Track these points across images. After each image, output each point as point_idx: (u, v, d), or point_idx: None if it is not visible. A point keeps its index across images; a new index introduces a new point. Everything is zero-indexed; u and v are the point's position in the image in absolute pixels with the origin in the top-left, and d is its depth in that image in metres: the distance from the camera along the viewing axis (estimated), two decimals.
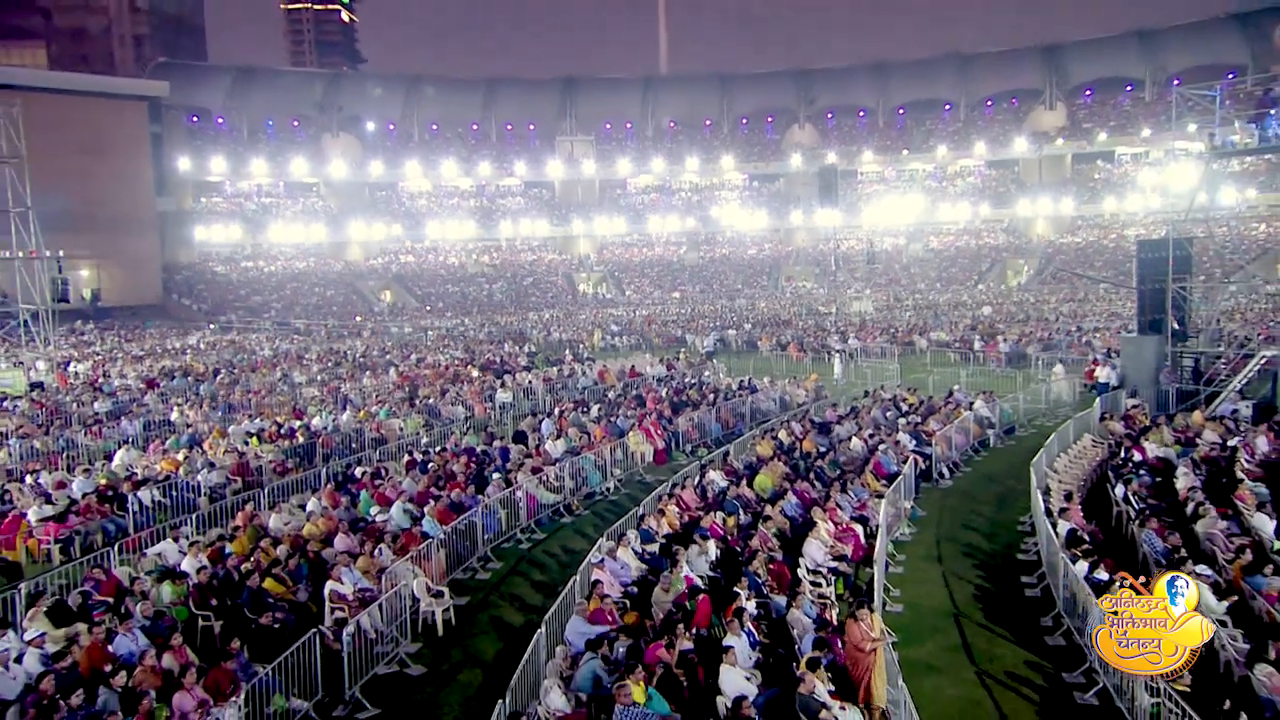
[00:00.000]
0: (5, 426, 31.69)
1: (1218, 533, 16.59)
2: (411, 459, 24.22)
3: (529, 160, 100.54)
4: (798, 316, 63.69)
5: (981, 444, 26.84)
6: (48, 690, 11.95)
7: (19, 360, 46.03)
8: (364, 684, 13.26)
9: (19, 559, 19.13)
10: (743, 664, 11.87)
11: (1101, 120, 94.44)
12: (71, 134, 64.24)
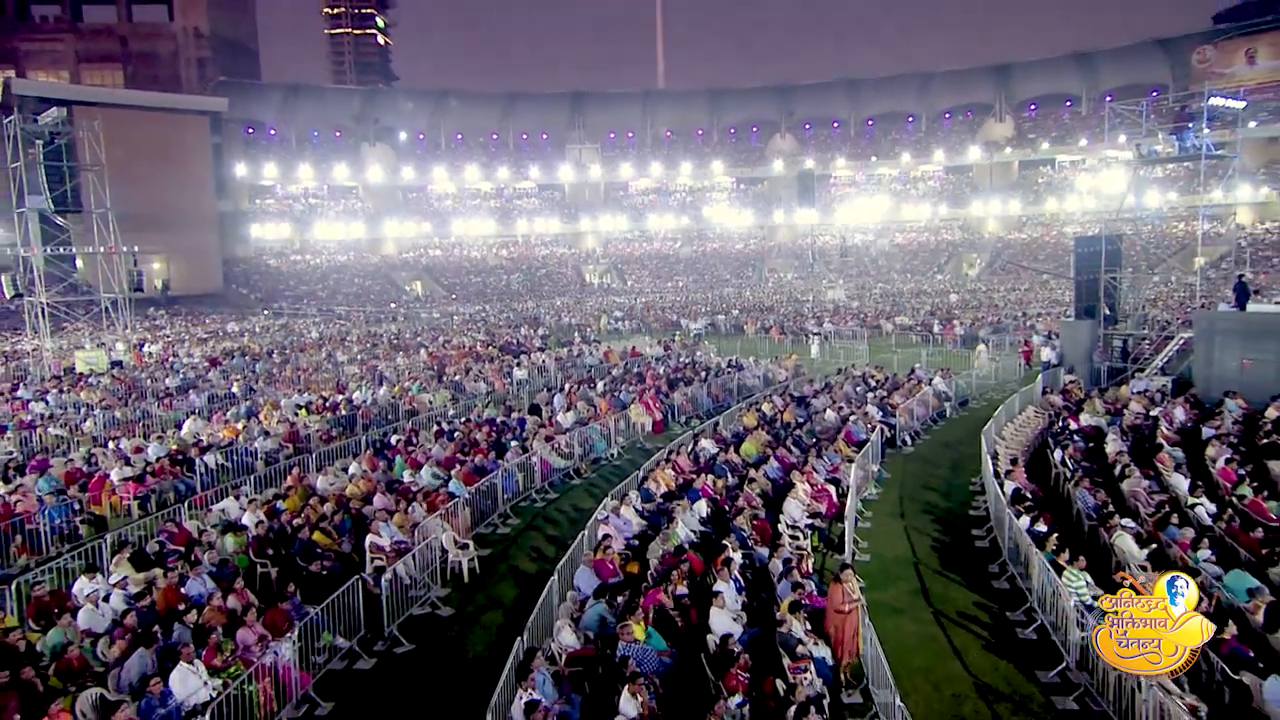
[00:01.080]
0: (91, 399, 31.92)
1: (1140, 490, 16.74)
2: (440, 428, 24.33)
3: (542, 165, 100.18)
4: (779, 304, 63.54)
5: (939, 415, 26.91)
6: (131, 625, 12.17)
7: (102, 342, 46.09)
8: (400, 623, 13.39)
9: (105, 513, 19.19)
10: (730, 607, 11.98)
11: (1044, 131, 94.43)
12: (144, 144, 63.98)
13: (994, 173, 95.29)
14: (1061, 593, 11.91)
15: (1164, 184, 76.77)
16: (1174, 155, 34.70)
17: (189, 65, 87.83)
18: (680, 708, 10.39)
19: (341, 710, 11.41)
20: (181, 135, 73.90)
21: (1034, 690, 11.17)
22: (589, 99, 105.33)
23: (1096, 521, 15.36)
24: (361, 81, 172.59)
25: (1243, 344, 23.65)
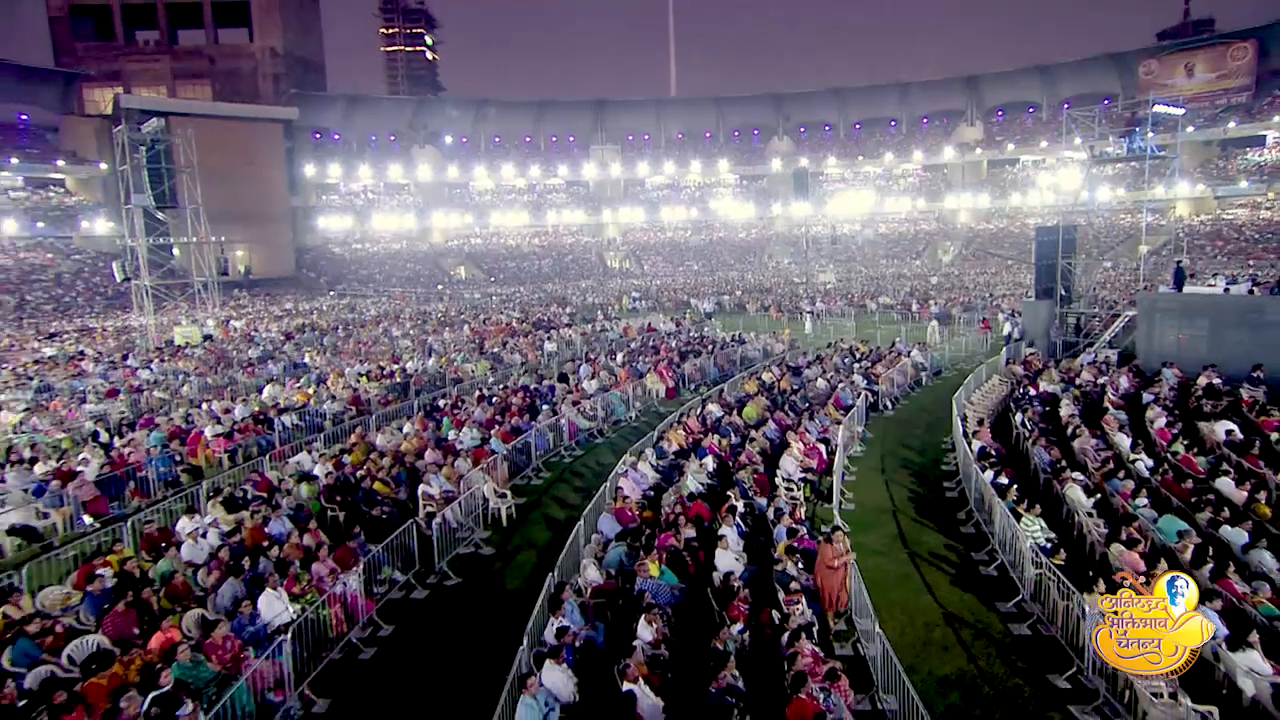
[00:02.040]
0: (187, 368, 32.24)
1: (1089, 448, 16.82)
2: (481, 394, 24.32)
3: (569, 164, 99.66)
4: (777, 285, 62.97)
5: (916, 383, 26.78)
6: (223, 558, 12.39)
7: (195, 319, 46.43)
8: (448, 560, 13.55)
9: (200, 464, 19.47)
10: (733, 548, 12.04)
11: (1010, 134, 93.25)
12: (229, 149, 64.09)
13: (965, 171, 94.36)
14: (1019, 536, 11.99)
15: (1113, 181, 75.96)
16: (1122, 156, 34.55)
17: (266, 80, 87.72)
18: (689, 634, 10.53)
19: (400, 633, 11.57)
20: (259, 141, 74.01)
21: (994, 619, 11.26)
22: (610, 106, 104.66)
23: (1051, 475, 15.39)
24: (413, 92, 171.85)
25: (1179, 321, 23.55)
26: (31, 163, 74.25)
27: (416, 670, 10.66)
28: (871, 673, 9.80)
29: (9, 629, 10.65)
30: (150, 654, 9.87)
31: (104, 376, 30.65)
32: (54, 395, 27.29)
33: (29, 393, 27.76)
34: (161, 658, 9.70)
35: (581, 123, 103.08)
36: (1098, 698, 9.26)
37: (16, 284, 64.85)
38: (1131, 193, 73.46)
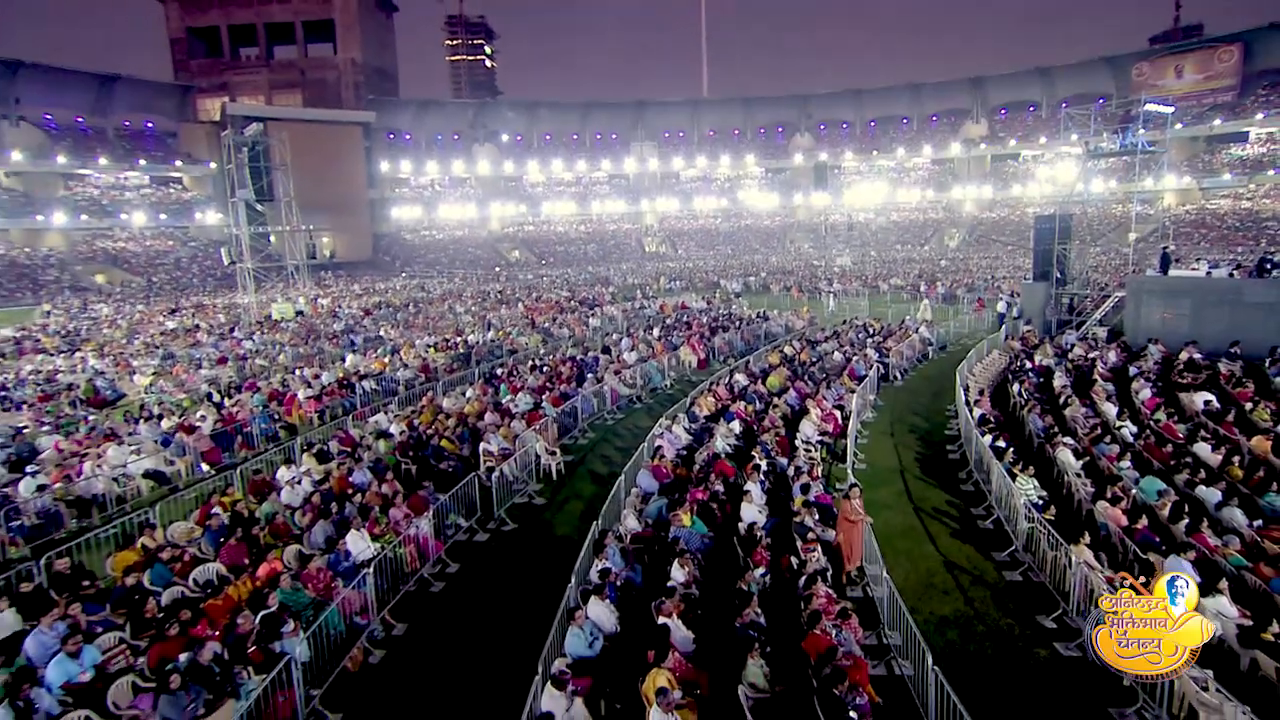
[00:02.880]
0: (282, 339, 32.79)
1: (1079, 416, 16.51)
2: (533, 364, 24.44)
3: (612, 159, 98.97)
4: (798, 268, 62.07)
5: (923, 356, 26.31)
6: (316, 503, 12.64)
7: (289, 297, 47.23)
8: (506, 509, 13.65)
9: (295, 422, 19.84)
10: (757, 502, 12.02)
11: (1012, 131, 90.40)
12: (316, 149, 64.61)
13: (971, 164, 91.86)
14: (1014, 493, 11.83)
15: (1106, 174, 73.51)
16: (1115, 151, 33.46)
17: (348, 88, 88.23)
18: (717, 577, 10.54)
19: (465, 570, 11.71)
20: (342, 141, 74.64)
21: (989, 567, 11.13)
22: (649, 106, 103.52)
23: (1044, 439, 15.14)
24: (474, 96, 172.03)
25: (1164, 301, 22.88)
26: (155, 164, 75.95)
27: (479, 602, 10.79)
28: (879, 612, 9.75)
29: (148, 555, 11.10)
30: (258, 581, 10.15)
31: (215, 346, 31.30)
32: (176, 362, 27.99)
33: (156, 359, 28.56)
34: (267, 584, 9.97)
35: (623, 122, 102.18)
36: (1080, 636, 9.18)
37: (145, 267, 66.58)
38: (1123, 184, 71.14)
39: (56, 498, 13.85)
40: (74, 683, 8.38)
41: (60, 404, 22.26)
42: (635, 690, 7.70)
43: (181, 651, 8.47)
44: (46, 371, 26.83)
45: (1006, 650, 9.20)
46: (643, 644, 8.27)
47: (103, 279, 62.59)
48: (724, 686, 7.94)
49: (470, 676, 8.95)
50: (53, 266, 62.77)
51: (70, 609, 9.35)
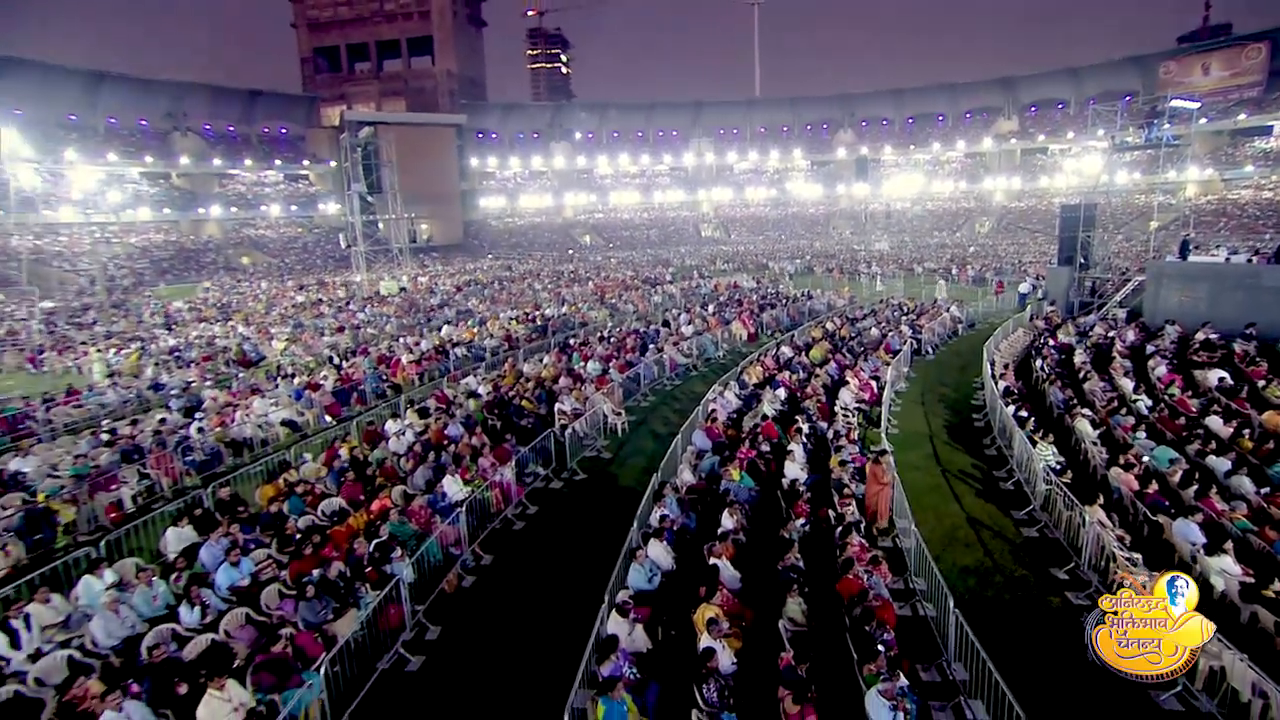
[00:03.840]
0: (388, 311, 33.45)
1: (1097, 389, 15.74)
2: (602, 335, 24.45)
3: (673, 154, 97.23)
4: (839, 252, 60.37)
5: (953, 333, 25.40)
6: (417, 451, 13.02)
7: (394, 275, 48.37)
8: (577, 461, 13.73)
9: (400, 382, 20.17)
10: (799, 460, 11.86)
11: (1041, 127, 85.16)
12: (417, 147, 65.39)
13: (1002, 158, 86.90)
14: (1034, 458, 11.43)
15: (1130, 166, 68.78)
16: (1140, 145, 31.24)
17: (444, 94, 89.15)
18: (762, 525, 10.49)
19: (542, 512, 11.86)
20: (438, 141, 75.33)
21: (1008, 523, 10.79)
22: (706, 106, 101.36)
23: (1064, 410, 14.50)
24: (551, 99, 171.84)
25: (1183, 285, 21.48)
26: (288, 164, 78.55)
27: (554, 540, 10.94)
28: (906, 561, 9.58)
29: (287, 488, 11.69)
30: (372, 514, 10.57)
31: (335, 317, 32.25)
32: (304, 330, 29.05)
33: (289, 328, 29.71)
34: (379, 517, 10.37)
35: (683, 120, 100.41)
36: (1090, 587, 8.90)
37: (278, 251, 69.19)
38: (1146, 176, 66.56)
39: (217, 439, 14.68)
40: (235, 586, 8.99)
41: (218, 363, 23.45)
42: (688, 620, 7.78)
43: (314, 568, 8.93)
44: (207, 337, 28.24)
45: (1022, 597, 8.95)
46: (695, 581, 8.31)
47: (247, 260, 65.32)
48: (766, 620, 7.94)
49: (547, 602, 9.14)
50: (210, 251, 65.77)
51: (231, 528, 10.00)
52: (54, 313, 36.73)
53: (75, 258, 54.37)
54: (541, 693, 7.04)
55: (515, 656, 8.08)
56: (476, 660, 8.11)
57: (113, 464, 13.23)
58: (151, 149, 69.70)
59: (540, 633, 8.45)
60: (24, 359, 25.99)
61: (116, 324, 33.11)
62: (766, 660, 7.21)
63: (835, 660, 7.34)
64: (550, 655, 7.72)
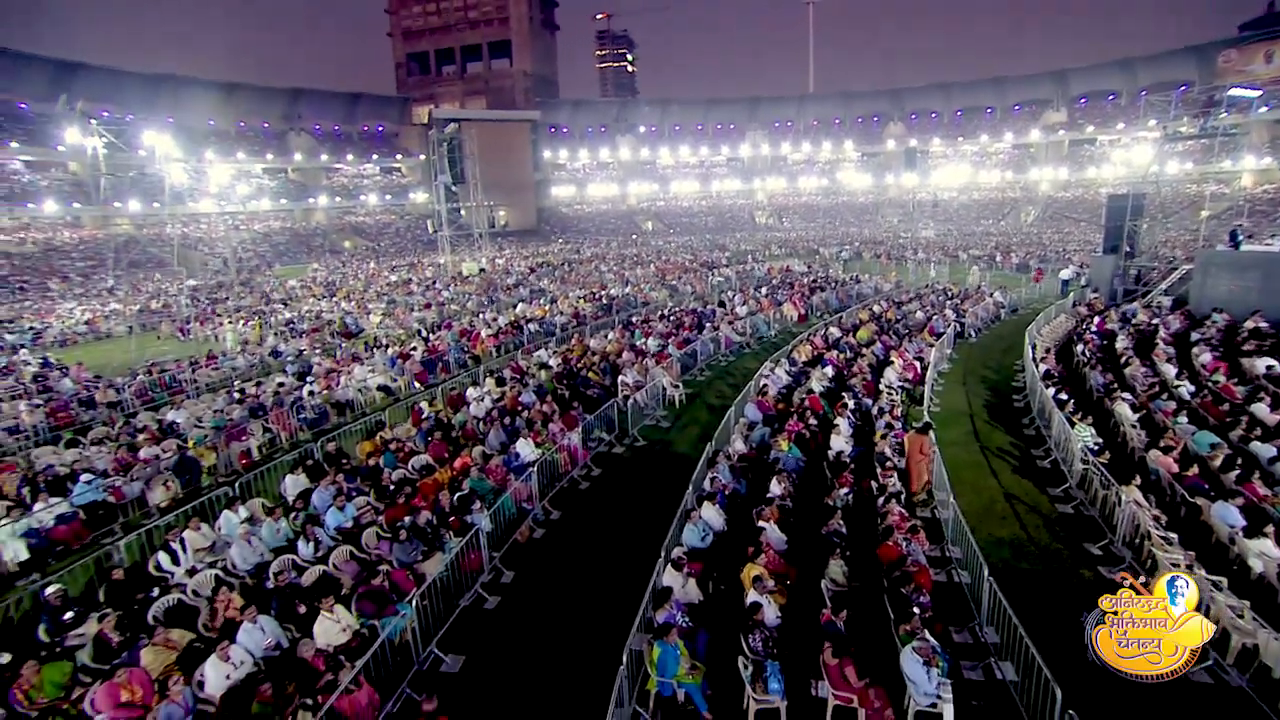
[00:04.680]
0: (469, 290, 34.15)
1: (1139, 374, 14.80)
2: (662, 313, 24.37)
3: (730, 145, 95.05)
4: (887, 239, 58.25)
5: (996, 318, 24.28)
6: (494, 415, 13.33)
7: (474, 258, 49.34)
8: (638, 428, 13.76)
9: (479, 354, 20.60)
10: (844, 434, 11.65)
11: (1091, 118, 78.87)
12: (496, 141, 66.18)
13: (1049, 149, 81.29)
14: (1071, 439, 10.87)
15: (1182, 156, 63.29)
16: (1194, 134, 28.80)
17: (520, 92, 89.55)
18: (808, 493, 10.36)
19: (606, 474, 11.97)
20: (515, 135, 76.00)
21: (1044, 500, 10.32)
22: (762, 101, 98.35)
23: (1103, 393, 13.68)
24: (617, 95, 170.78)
25: (1232, 274, 19.79)
26: (384, 158, 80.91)
27: (617, 499, 11.06)
28: (943, 531, 9.32)
29: (382, 445, 12.22)
30: (455, 470, 10.94)
31: (422, 295, 33.15)
32: (396, 306, 30.06)
33: (384, 304, 30.80)
34: (461, 473, 10.72)
35: (739, 114, 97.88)
36: (1123, 562, 8.46)
37: (375, 235, 71.57)
38: (1199, 166, 61.14)
39: (324, 400, 15.44)
40: (341, 527, 9.52)
41: (324, 334, 24.55)
42: (736, 576, 7.80)
43: (406, 515, 9.34)
44: (316, 311, 29.60)
45: (1054, 569, 8.59)
46: (744, 541, 8.32)
47: (349, 244, 67.89)
48: (810, 580, 7.89)
49: (608, 554, 9.29)
50: (318, 236, 68.66)
51: (337, 478, 10.55)
52: (197, 289, 39.18)
53: (212, 243, 57.67)
54: (602, 634, 7.21)
55: (579, 601, 8.27)
56: (545, 602, 8.36)
57: (243, 419, 14.12)
58: (272, 147, 72.96)
59: (602, 581, 8.59)
60: (175, 328, 27.89)
61: (244, 299, 35.07)
62: (809, 616, 7.18)
63: (873, 619, 7.25)
64: (610, 602, 7.87)
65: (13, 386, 17.99)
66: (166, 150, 42.65)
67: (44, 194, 54.79)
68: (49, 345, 26.06)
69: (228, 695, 6.30)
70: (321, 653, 6.62)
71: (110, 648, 7.01)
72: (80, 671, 6.74)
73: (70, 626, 7.39)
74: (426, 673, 7.11)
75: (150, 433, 13.29)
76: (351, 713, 6.04)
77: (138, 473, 11.14)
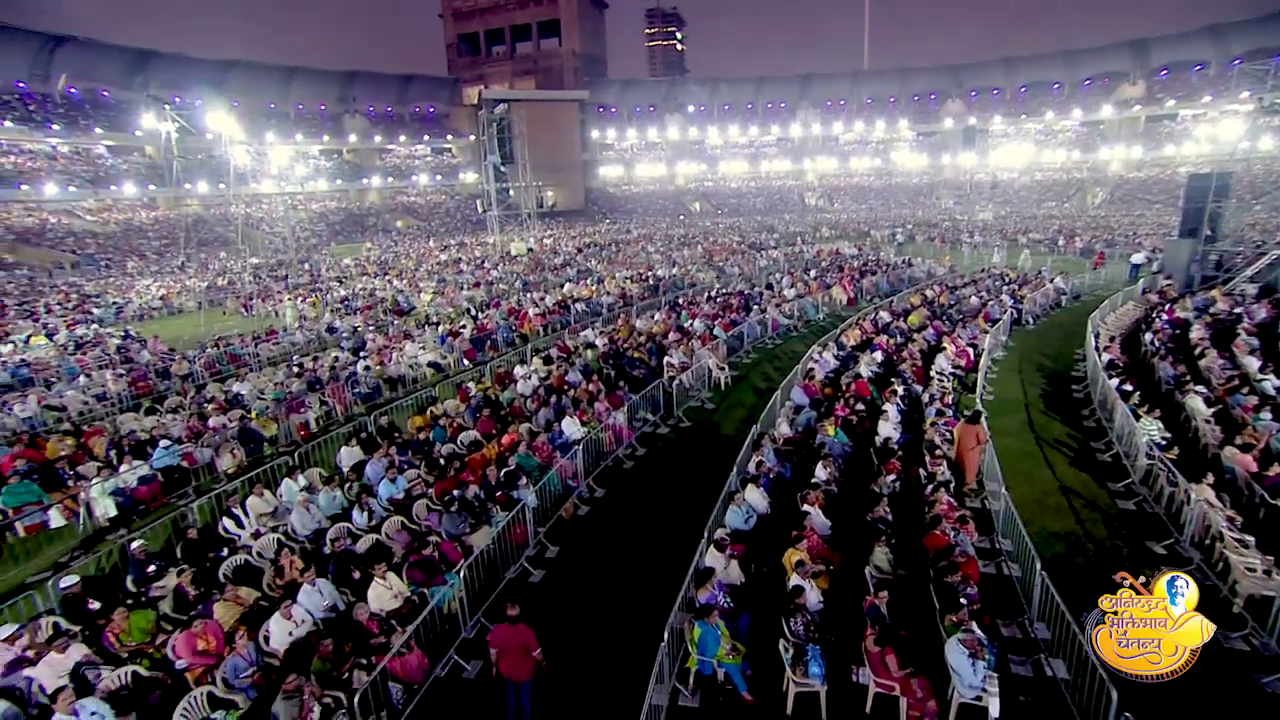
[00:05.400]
0: (517, 269, 34.59)
1: (1215, 366, 13.89)
2: (709, 295, 24.18)
3: (780, 125, 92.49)
4: (941, 221, 56.19)
5: (1056, 305, 23.15)
6: (541, 394, 13.52)
7: (523, 237, 49.86)
8: (683, 409, 13.72)
9: (527, 332, 20.84)
10: (893, 420, 11.42)
11: (1172, 91, 72.90)
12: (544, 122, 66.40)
13: (1122, 126, 75.82)
14: (1136, 432, 10.34)
15: (1278, 130, 58.61)
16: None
17: (569, 72, 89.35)
18: (853, 480, 10.22)
19: (651, 454, 12.05)
20: (563, 115, 76.11)
21: (1102, 493, 9.89)
22: (814, 78, 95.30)
23: (1174, 386, 12.92)
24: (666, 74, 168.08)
25: None
26: (435, 138, 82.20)
27: (660, 479, 11.12)
28: (994, 522, 9.07)
29: (432, 420, 12.61)
30: (502, 446, 11.19)
31: (472, 274, 33.75)
32: (446, 284, 30.70)
33: (434, 282, 31.51)
34: (508, 449, 10.95)
35: (791, 92, 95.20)
36: (1191, 564, 8.00)
37: (426, 215, 73.17)
38: None
39: (377, 376, 15.98)
40: (393, 498, 9.90)
41: (377, 311, 25.34)
42: (778, 559, 7.79)
43: (454, 489, 9.64)
44: (369, 289, 30.55)
45: (1113, 567, 8.13)
46: (788, 525, 8.28)
47: (401, 224, 69.62)
48: (854, 566, 7.81)
49: (652, 533, 9.37)
50: (371, 215, 70.63)
51: (389, 450, 10.94)
52: (259, 267, 40.89)
53: (272, 222, 59.99)
54: (644, 611, 7.32)
55: (622, 578, 8.41)
56: (588, 578, 8.53)
57: (301, 392, 14.75)
58: (328, 129, 75.01)
59: (645, 560, 8.69)
60: (239, 304, 29.26)
61: (302, 277, 36.44)
62: (852, 602, 7.12)
63: (917, 608, 7.14)
64: (653, 580, 7.96)
65: (99, 357, 19.29)
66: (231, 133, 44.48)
67: (124, 177, 57.98)
68: (129, 319, 27.73)
69: (290, 650, 6.70)
70: (375, 616, 6.94)
71: (188, 600, 7.58)
72: (162, 620, 7.31)
73: (153, 579, 8.02)
74: (473, 640, 7.38)
75: (218, 403, 14.07)
76: (403, 674, 6.34)
77: (207, 440, 11.82)
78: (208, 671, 6.51)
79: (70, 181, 54.38)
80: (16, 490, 9.83)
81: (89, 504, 9.86)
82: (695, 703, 6.39)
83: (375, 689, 5.96)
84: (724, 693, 6.36)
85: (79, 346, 21.25)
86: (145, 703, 6.13)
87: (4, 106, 53.51)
